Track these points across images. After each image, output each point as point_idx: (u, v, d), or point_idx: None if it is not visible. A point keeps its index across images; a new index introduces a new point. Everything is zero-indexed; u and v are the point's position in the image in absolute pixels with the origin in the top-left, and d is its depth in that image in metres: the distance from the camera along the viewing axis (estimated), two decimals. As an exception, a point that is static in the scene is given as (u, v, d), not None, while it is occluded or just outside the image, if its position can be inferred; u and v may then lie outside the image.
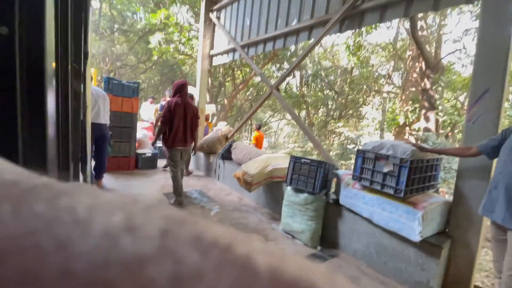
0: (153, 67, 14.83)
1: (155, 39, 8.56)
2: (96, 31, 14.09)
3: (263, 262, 0.08)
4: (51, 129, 0.56)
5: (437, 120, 6.31)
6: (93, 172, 3.26)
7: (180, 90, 3.01)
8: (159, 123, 3.21)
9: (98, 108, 3.06)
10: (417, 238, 1.84)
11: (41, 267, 0.07)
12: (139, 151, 4.76)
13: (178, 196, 3.15)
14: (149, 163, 4.77)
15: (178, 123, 2.99)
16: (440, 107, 6.24)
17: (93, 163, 3.29)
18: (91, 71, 4.96)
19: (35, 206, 0.08)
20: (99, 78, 10.52)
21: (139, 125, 5.47)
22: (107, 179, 3.78)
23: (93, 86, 3.18)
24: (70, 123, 1.03)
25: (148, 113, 6.31)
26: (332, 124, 12.15)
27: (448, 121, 6.38)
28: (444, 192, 4.94)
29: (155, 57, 11.56)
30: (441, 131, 6.56)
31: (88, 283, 0.07)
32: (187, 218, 0.09)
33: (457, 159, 4.67)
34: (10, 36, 0.43)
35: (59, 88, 0.74)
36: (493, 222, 1.60)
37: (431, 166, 2.13)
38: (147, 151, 4.84)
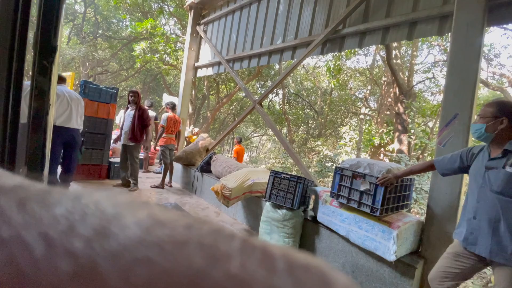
0: (136, 75, 14.54)
1: (140, 47, 8.44)
2: (78, 34, 13.70)
3: (277, 249, 0.09)
4: None
5: (409, 143, 6.67)
6: (58, 180, 3.01)
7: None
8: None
9: (70, 111, 2.88)
10: (392, 257, 1.84)
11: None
12: (112, 159, 4.51)
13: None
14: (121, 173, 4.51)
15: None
16: (412, 131, 6.62)
17: (59, 169, 3.04)
18: (68, 74, 4.73)
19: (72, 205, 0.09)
20: (76, 82, 10.07)
21: (115, 132, 5.23)
22: (73, 188, 3.50)
23: (68, 89, 3.00)
24: (29, 124, 0.93)
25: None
26: (312, 141, 12.44)
27: (419, 144, 6.75)
28: (416, 212, 5.12)
29: (138, 65, 11.37)
30: (413, 153, 6.92)
31: (138, 261, 0.07)
32: (202, 217, 0.10)
33: (428, 180, 4.90)
34: None
35: (10, 84, 0.66)
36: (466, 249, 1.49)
37: (405, 185, 2.19)
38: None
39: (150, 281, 0.07)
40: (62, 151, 2.94)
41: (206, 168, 4.22)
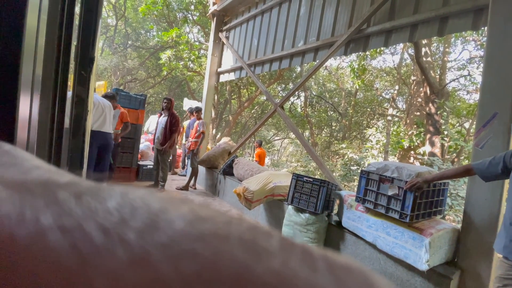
0: (162, 82, 15.23)
1: (166, 55, 8.84)
2: (110, 46, 14.69)
3: (316, 249, 0.09)
4: (22, 134, 0.53)
5: (442, 145, 6.24)
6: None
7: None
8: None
9: (104, 116, 3.11)
10: (424, 266, 1.73)
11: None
12: (141, 162, 4.74)
13: None
14: (150, 176, 4.73)
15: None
16: (445, 132, 6.19)
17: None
18: (101, 83, 5.09)
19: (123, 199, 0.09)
20: (108, 90, 10.79)
21: (143, 137, 5.52)
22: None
23: (99, 96, 3.24)
24: (70, 129, 1.02)
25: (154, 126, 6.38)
26: (336, 144, 12.11)
27: (454, 147, 6.29)
28: (452, 220, 4.76)
29: (164, 73, 11.91)
30: (447, 156, 6.47)
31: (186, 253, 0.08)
32: (237, 215, 0.11)
33: (464, 185, 4.54)
34: None
35: (56, 94, 0.73)
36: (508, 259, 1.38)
37: (438, 190, 2.05)
38: (149, 163, 4.83)
39: (199, 271, 0.07)
40: (97, 155, 3.16)
41: (228, 171, 4.28)
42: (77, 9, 0.90)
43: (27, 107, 0.56)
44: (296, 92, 12.03)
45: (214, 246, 0.08)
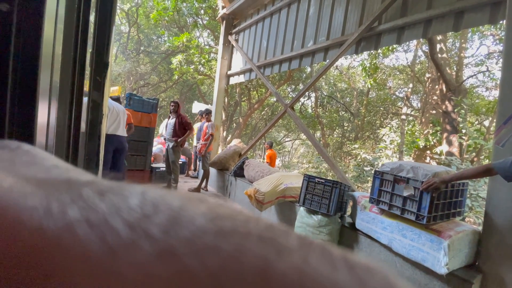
0: (174, 86, 15.51)
1: (177, 60, 9.01)
2: (124, 52, 15.13)
3: (334, 248, 0.09)
4: (40, 138, 0.55)
5: (460, 144, 6.01)
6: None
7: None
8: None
9: (119, 120, 3.20)
10: (443, 270, 1.67)
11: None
12: (154, 165, 4.84)
13: None
14: (162, 178, 4.82)
15: None
16: (463, 131, 5.96)
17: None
18: (115, 88, 5.25)
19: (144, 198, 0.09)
20: (122, 95, 11.11)
21: (156, 140, 5.63)
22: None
23: (115, 102, 3.33)
24: (86, 133, 1.05)
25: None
26: (348, 145, 11.90)
27: (473, 146, 6.04)
28: (472, 222, 4.56)
29: (175, 77, 12.13)
30: (465, 156, 6.22)
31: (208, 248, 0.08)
32: (253, 214, 0.11)
33: (485, 186, 4.34)
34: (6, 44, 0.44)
35: (73, 99, 0.75)
36: None
37: (456, 191, 1.98)
38: (162, 165, 4.91)
39: (223, 266, 0.07)
40: (112, 158, 3.25)
41: (239, 172, 4.29)
42: (91, 18, 0.93)
43: (46, 112, 0.58)
44: (307, 93, 11.95)
45: (236, 243, 0.08)
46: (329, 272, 0.08)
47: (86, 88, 1.07)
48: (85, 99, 1.03)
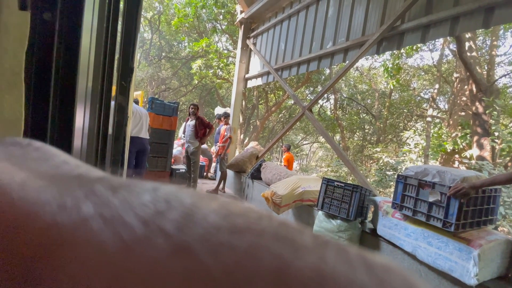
0: (193, 90, 15.93)
1: (197, 64, 9.26)
2: (146, 58, 15.79)
3: (351, 247, 0.09)
4: (77, 142, 0.59)
5: (493, 148, 5.61)
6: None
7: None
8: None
9: (142, 123, 3.35)
10: (472, 281, 1.56)
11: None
12: (174, 166, 4.98)
13: None
14: (182, 179, 4.94)
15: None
16: (496, 134, 5.56)
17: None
18: (138, 93, 5.49)
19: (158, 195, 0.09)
20: (145, 99, 11.58)
21: (176, 142, 5.81)
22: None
23: (138, 106, 3.50)
24: (112, 135, 1.11)
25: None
26: (369, 148, 11.53)
27: (507, 150, 5.62)
28: (506, 232, 4.23)
29: (195, 82, 12.45)
30: (498, 160, 5.79)
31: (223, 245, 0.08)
32: (267, 212, 0.11)
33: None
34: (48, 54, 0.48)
35: (102, 103, 0.80)
36: None
37: (488, 197, 1.85)
38: (181, 167, 5.05)
39: (239, 262, 0.07)
40: (134, 159, 3.40)
41: (256, 175, 4.30)
42: (119, 26, 0.99)
43: (81, 118, 0.63)
44: (325, 95, 11.75)
45: (250, 240, 0.08)
46: (347, 271, 0.08)
47: (112, 92, 1.14)
48: (112, 103, 1.09)
